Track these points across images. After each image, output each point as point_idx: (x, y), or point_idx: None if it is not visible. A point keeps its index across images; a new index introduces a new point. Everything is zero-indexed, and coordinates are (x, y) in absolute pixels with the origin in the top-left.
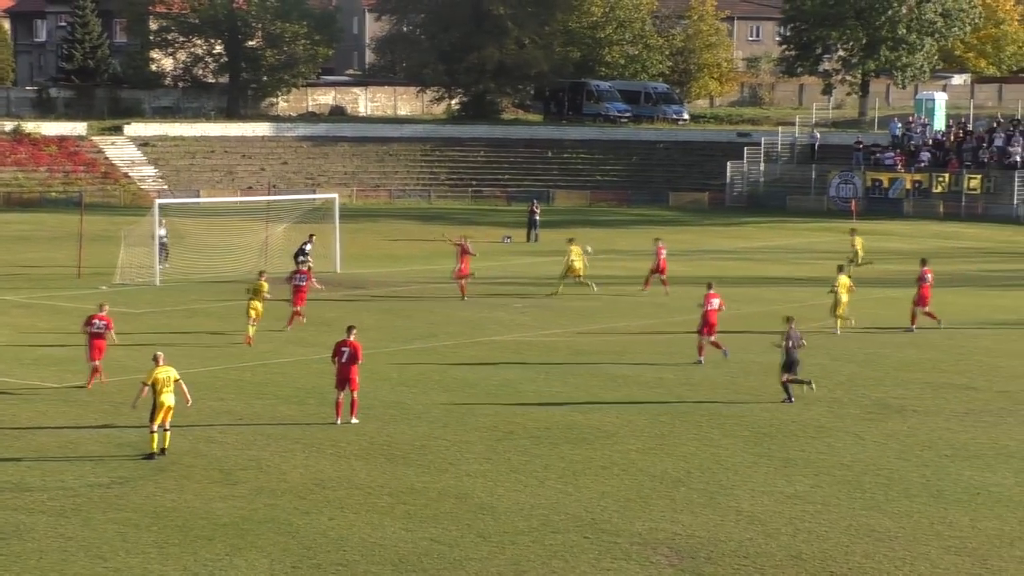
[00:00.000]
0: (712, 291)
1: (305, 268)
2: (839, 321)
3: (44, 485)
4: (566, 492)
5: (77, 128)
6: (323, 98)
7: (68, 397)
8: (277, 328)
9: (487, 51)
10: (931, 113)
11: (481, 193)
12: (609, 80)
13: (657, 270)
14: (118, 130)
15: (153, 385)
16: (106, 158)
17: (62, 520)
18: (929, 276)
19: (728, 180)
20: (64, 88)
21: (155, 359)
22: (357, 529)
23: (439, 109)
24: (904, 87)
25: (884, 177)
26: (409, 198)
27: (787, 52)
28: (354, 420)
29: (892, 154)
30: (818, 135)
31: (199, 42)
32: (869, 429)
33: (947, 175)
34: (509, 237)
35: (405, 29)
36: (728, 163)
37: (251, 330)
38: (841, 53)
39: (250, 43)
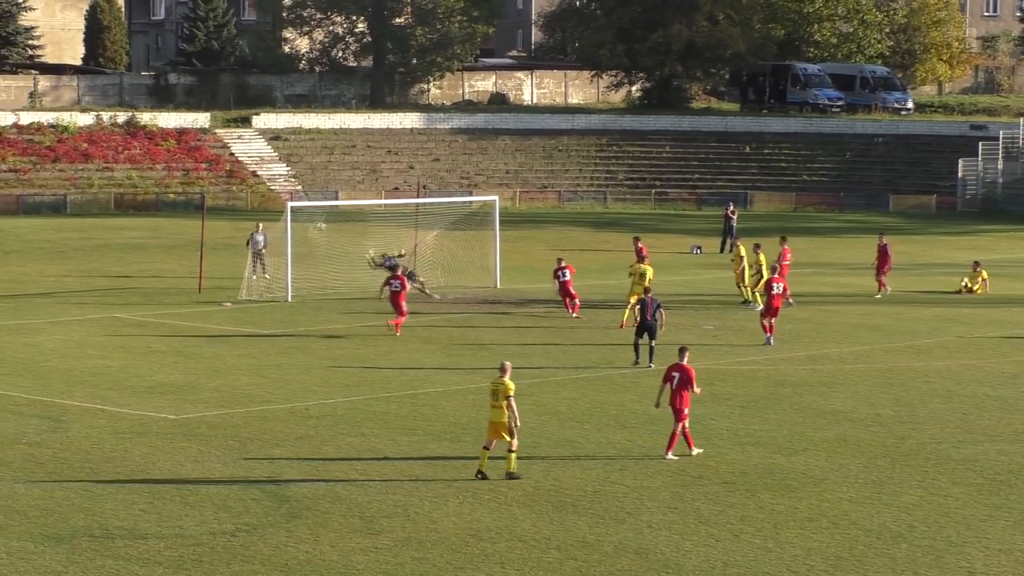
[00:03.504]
0: (776, 275)
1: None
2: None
3: (160, 532)
4: (766, 548)
5: (199, 119)
6: (482, 84)
7: (187, 431)
8: (422, 353)
9: (674, 28)
10: None
11: (666, 195)
12: (818, 62)
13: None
14: (245, 121)
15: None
16: (231, 154)
17: (181, 572)
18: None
19: (960, 181)
20: (184, 73)
21: (500, 368)
22: None
23: (617, 97)
24: None
25: None
26: (581, 201)
27: None
28: (695, 451)
29: None
30: None
31: (339, 19)
32: None
33: None
34: (699, 247)
35: (578, 3)
36: (960, 161)
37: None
38: None
39: (397, 20)
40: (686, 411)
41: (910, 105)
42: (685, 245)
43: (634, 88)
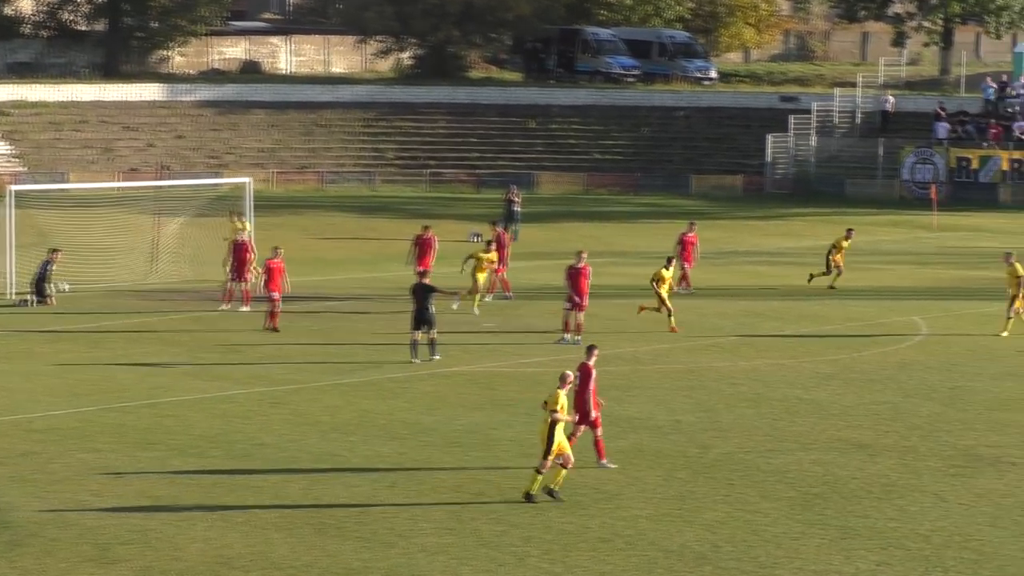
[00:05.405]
0: (584, 264)
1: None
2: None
3: None
4: (553, 572)
5: None
6: (231, 51)
7: None
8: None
9: None
10: None
11: (441, 176)
12: (611, 27)
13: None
14: None
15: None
16: None
17: None
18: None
19: (768, 159)
20: None
21: (560, 378)
22: None
23: (385, 65)
24: (999, 37)
25: (973, 155)
26: (346, 183)
27: None
28: (605, 463)
29: (984, 125)
30: (889, 99)
31: None
32: (954, 488)
33: None
34: (478, 234)
35: None
36: (769, 136)
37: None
38: None
39: None
40: (595, 415)
41: (713, 74)
42: (463, 232)
43: (405, 56)
